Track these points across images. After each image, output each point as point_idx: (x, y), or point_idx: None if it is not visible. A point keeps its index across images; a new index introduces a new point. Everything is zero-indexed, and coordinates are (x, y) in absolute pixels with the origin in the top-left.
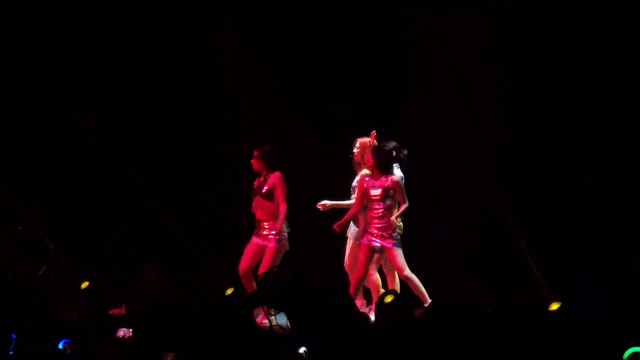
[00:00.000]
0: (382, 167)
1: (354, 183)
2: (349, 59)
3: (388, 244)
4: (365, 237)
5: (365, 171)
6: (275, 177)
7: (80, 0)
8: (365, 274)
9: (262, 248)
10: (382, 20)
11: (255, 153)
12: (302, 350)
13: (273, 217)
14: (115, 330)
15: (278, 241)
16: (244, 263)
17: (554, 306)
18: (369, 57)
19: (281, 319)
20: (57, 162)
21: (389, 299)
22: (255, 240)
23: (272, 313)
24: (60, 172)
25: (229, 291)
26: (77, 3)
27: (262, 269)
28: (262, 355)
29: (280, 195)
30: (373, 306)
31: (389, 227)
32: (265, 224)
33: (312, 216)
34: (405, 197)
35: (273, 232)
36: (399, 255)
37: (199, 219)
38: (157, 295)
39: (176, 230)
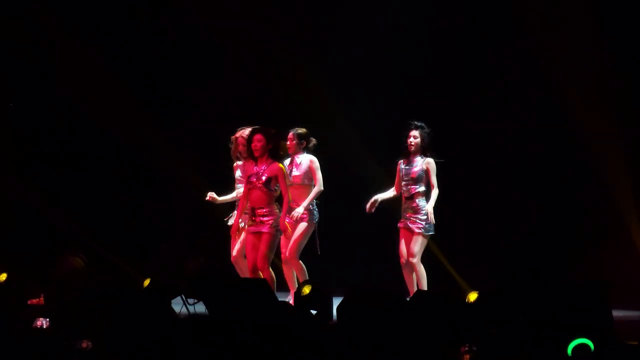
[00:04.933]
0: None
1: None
2: None
3: None
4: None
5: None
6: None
7: None
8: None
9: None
10: None
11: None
12: None
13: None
14: (33, 320)
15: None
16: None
17: (472, 296)
18: None
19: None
20: None
21: (307, 289)
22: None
23: (190, 302)
24: None
25: (146, 282)
26: None
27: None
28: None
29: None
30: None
31: None
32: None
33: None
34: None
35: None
36: None
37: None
38: (75, 286)
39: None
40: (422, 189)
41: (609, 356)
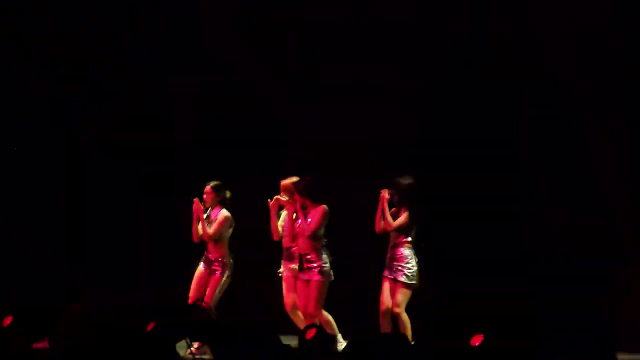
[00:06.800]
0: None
1: None
2: None
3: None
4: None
5: None
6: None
7: None
8: None
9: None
10: None
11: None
12: None
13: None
14: None
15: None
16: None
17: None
18: None
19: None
20: None
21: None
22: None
23: (196, 347)
24: None
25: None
26: None
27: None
28: None
29: None
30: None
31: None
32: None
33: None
34: None
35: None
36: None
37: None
38: (81, 330)
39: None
40: (408, 238)
41: None
